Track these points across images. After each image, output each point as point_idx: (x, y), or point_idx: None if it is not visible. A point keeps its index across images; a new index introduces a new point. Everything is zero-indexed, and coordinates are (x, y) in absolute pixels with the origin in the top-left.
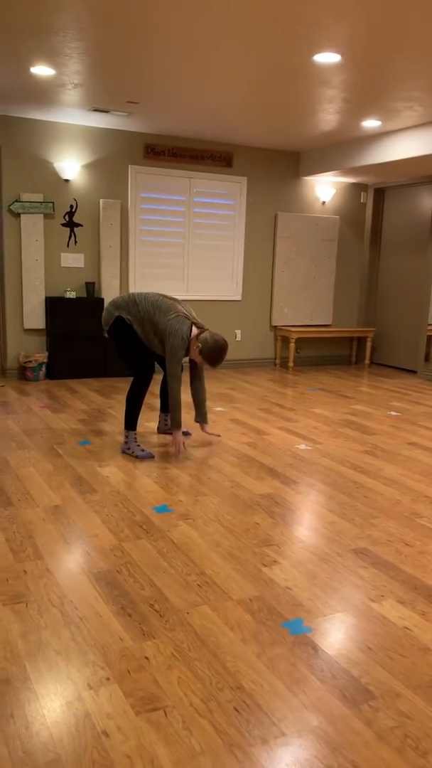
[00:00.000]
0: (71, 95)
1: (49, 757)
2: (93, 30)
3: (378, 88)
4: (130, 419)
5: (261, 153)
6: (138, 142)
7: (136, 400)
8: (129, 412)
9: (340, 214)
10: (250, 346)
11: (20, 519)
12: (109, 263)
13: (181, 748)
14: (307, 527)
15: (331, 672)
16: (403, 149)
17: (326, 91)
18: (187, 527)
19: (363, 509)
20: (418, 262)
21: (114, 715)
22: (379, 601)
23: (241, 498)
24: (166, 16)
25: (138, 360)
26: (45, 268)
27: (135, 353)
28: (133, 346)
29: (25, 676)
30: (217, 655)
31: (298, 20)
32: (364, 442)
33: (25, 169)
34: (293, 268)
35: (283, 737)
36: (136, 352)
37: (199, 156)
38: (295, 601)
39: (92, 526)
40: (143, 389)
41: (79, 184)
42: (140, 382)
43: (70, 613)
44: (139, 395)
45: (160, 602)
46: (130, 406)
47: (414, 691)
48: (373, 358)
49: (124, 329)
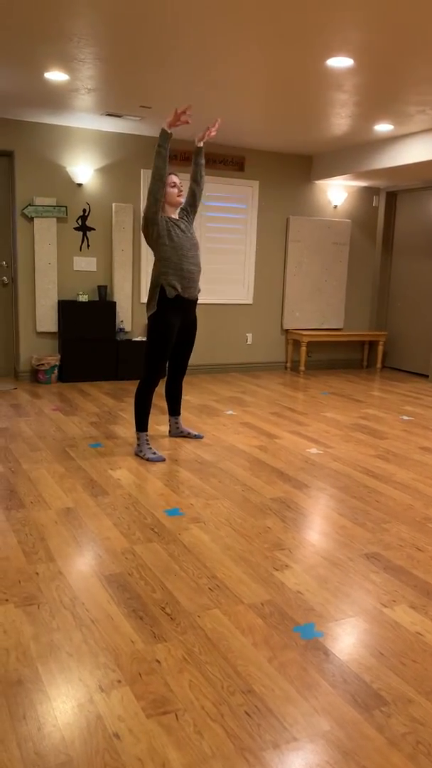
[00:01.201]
0: (84, 100)
1: (60, 759)
2: (106, 36)
3: (390, 92)
4: (140, 420)
5: (273, 157)
6: (151, 147)
7: (144, 400)
8: (138, 413)
9: (351, 217)
10: (262, 349)
11: (32, 521)
12: (121, 267)
13: (193, 751)
14: (319, 531)
15: (343, 677)
16: (416, 153)
17: (339, 96)
18: (199, 530)
19: (375, 514)
20: (430, 266)
21: (125, 718)
22: (390, 606)
23: (253, 502)
24: (178, 21)
25: (156, 358)
26: (58, 272)
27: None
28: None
29: (37, 677)
30: (229, 658)
31: (311, 25)
32: (375, 446)
33: (38, 174)
34: (305, 271)
35: (295, 742)
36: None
37: (211, 160)
38: (306, 605)
39: (104, 528)
40: (150, 390)
41: (92, 188)
42: (148, 382)
43: (82, 616)
44: (147, 395)
45: (172, 605)
46: (139, 406)
47: (426, 697)
48: (384, 362)
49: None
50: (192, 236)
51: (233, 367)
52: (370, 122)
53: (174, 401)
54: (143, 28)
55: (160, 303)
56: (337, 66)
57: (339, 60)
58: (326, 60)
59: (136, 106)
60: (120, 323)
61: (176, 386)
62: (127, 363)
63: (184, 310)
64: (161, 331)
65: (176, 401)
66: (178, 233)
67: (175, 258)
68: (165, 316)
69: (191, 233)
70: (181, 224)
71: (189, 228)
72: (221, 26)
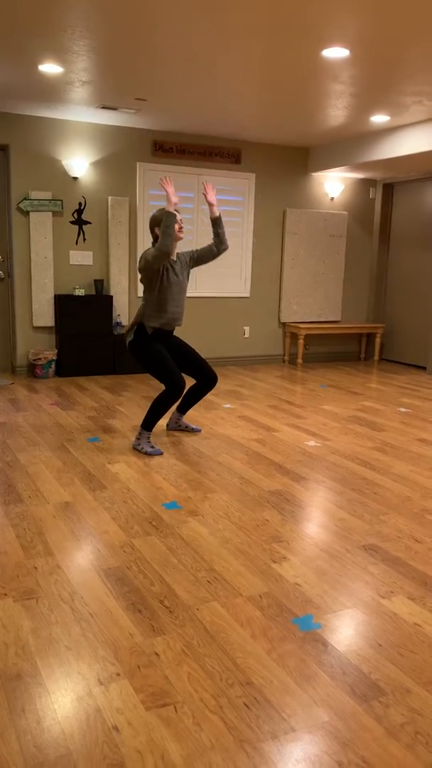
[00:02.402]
0: (79, 93)
1: (60, 752)
2: (101, 28)
3: (386, 82)
4: (149, 421)
5: (269, 149)
6: (146, 139)
7: (163, 407)
8: (151, 415)
9: (348, 209)
10: (259, 342)
11: (31, 516)
12: (117, 260)
13: (192, 743)
14: (317, 524)
15: (341, 668)
16: (412, 144)
17: (335, 87)
18: (197, 524)
19: (372, 506)
20: (427, 258)
21: (124, 711)
22: (389, 597)
23: (250, 494)
24: (173, 12)
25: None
26: (54, 266)
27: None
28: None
29: (36, 671)
30: (227, 651)
31: (306, 15)
32: (373, 438)
33: (33, 167)
34: (302, 264)
35: (293, 733)
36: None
37: (208, 152)
38: (304, 597)
39: (102, 522)
40: (173, 402)
41: (88, 182)
42: (172, 394)
43: (81, 609)
44: (167, 404)
45: (170, 598)
46: (155, 410)
47: (425, 688)
48: (382, 354)
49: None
50: (183, 280)
51: (231, 360)
52: (367, 113)
53: (190, 400)
54: (137, 19)
55: (138, 334)
56: (332, 57)
57: (335, 50)
58: (322, 51)
59: (131, 98)
60: (117, 317)
61: (201, 393)
62: (124, 357)
63: (164, 338)
64: (145, 348)
65: (192, 402)
66: (171, 277)
67: (160, 302)
68: (144, 342)
69: (183, 276)
70: (176, 266)
71: (183, 272)
72: (216, 18)
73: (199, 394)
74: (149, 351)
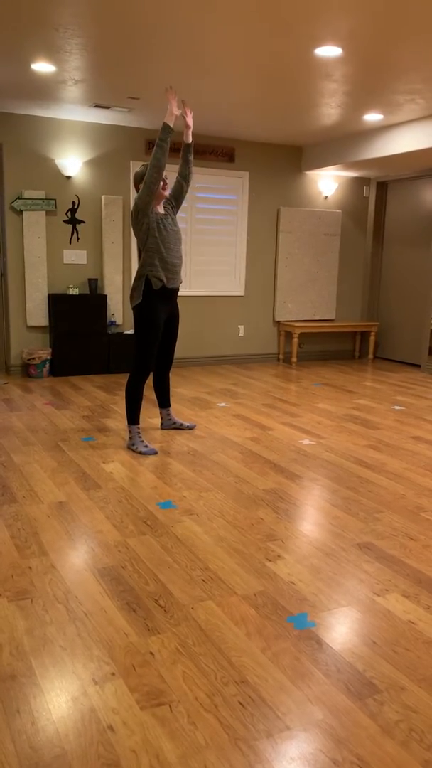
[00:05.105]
0: (72, 91)
1: (55, 752)
2: (93, 26)
3: (379, 81)
4: (131, 413)
5: (263, 147)
6: (139, 138)
7: (136, 393)
8: (129, 406)
9: (342, 208)
10: (253, 341)
11: (25, 515)
12: (111, 259)
13: (187, 742)
14: (312, 522)
15: (336, 666)
16: (406, 143)
17: (328, 85)
18: (191, 523)
19: (367, 504)
20: (421, 256)
21: (119, 710)
22: (383, 595)
23: (245, 493)
24: (165, 10)
25: (147, 347)
26: (47, 265)
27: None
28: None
29: (30, 671)
30: (222, 649)
31: (299, 13)
32: (368, 436)
33: (26, 166)
34: (296, 262)
35: (288, 731)
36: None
37: (201, 151)
38: (299, 595)
39: (96, 522)
40: (141, 382)
41: (81, 181)
42: (139, 374)
43: (75, 609)
44: (138, 388)
45: (165, 597)
46: (130, 399)
47: (419, 685)
48: (376, 352)
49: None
50: (177, 230)
51: (225, 359)
52: (360, 112)
53: (163, 394)
54: (130, 17)
55: (146, 294)
56: (325, 55)
57: (327, 49)
58: (315, 49)
59: (124, 97)
60: (111, 316)
61: (163, 379)
62: (118, 356)
63: (168, 300)
64: (149, 318)
65: (165, 393)
66: (166, 227)
67: (161, 251)
68: (150, 305)
69: (176, 226)
70: (167, 218)
71: (174, 221)
72: (209, 16)
73: (163, 383)
74: (150, 325)
